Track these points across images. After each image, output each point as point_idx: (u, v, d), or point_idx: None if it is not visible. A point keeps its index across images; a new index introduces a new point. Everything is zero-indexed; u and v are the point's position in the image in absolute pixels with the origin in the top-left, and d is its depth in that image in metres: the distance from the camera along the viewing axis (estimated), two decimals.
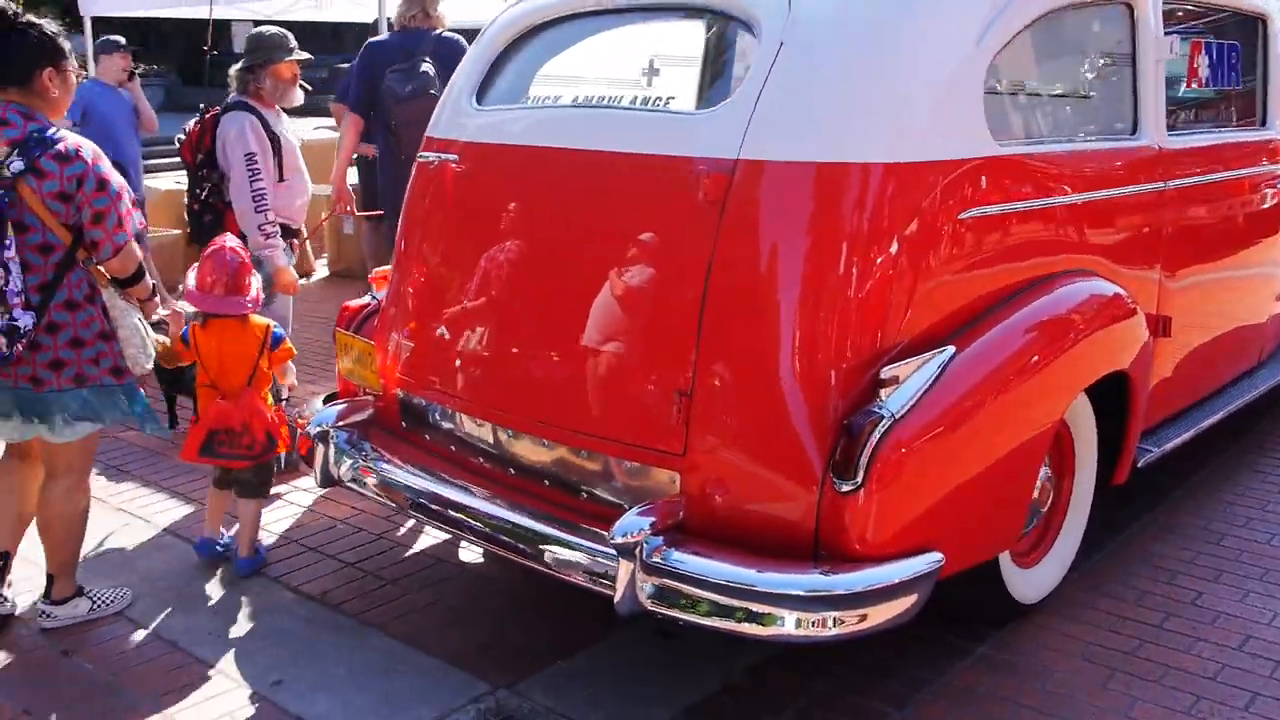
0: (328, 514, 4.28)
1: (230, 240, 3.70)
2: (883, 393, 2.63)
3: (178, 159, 4.91)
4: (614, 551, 2.65)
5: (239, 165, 4.38)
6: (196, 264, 3.67)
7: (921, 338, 2.81)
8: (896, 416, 2.60)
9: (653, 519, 2.71)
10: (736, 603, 2.57)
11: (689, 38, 3.13)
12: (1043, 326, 3.01)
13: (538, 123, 3.24)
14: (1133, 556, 3.85)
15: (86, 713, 3.02)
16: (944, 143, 2.82)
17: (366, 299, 3.86)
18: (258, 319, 3.70)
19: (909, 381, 2.66)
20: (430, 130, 3.56)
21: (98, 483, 4.65)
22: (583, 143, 3.05)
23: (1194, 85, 4.03)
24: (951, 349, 2.77)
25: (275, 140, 4.48)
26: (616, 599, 2.67)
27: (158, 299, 3.52)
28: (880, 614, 2.60)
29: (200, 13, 8.82)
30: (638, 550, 2.64)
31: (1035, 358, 2.95)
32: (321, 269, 9.23)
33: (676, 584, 2.61)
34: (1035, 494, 3.30)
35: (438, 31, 5.46)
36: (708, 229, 2.76)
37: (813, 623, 2.56)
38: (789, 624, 2.56)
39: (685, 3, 3.11)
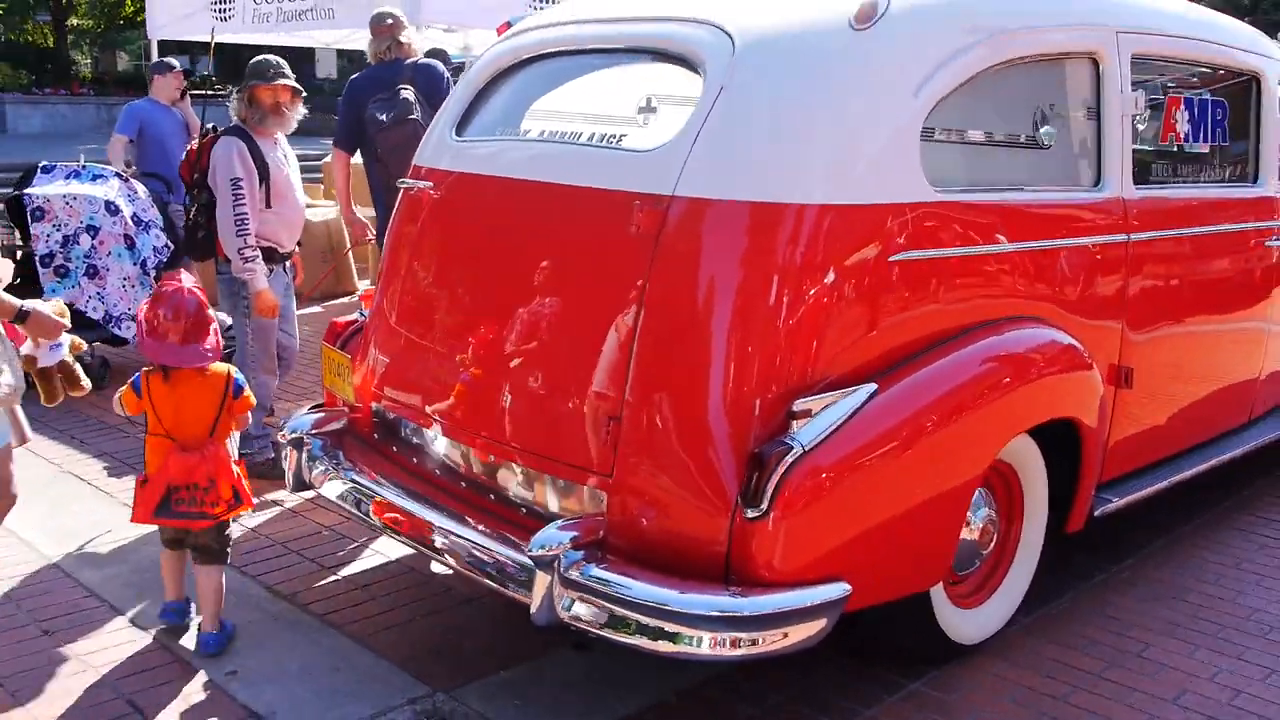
0: (315, 520, 4.47)
1: (186, 279, 3.37)
2: (795, 425, 2.73)
3: None
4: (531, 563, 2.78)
5: (224, 189, 4.55)
6: (146, 303, 3.36)
7: (849, 375, 2.89)
8: (806, 448, 2.70)
9: (575, 534, 2.84)
10: (648, 620, 2.67)
11: (647, 78, 3.27)
12: (973, 370, 3.08)
13: (503, 154, 3.42)
14: (1090, 606, 3.86)
15: (52, 687, 3.22)
16: (875, 188, 2.92)
17: (355, 315, 4.05)
18: (218, 366, 3.40)
19: (822, 415, 2.75)
20: (415, 159, 3.76)
21: (102, 477, 4.92)
22: (539, 175, 3.22)
23: (1170, 140, 4.06)
24: (873, 386, 2.86)
25: (265, 167, 4.65)
26: (533, 609, 2.80)
27: (39, 319, 3.28)
28: (785, 638, 2.69)
29: (273, 39, 9.23)
30: (555, 563, 2.77)
31: (962, 400, 3.01)
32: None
33: (591, 598, 2.73)
34: (975, 536, 3.37)
35: (412, 60, 5.69)
36: (642, 262, 2.90)
37: (719, 642, 2.66)
38: (695, 643, 2.66)
39: (645, 45, 3.26)
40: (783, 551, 2.70)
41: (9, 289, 6.72)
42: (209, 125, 4.91)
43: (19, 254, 6.59)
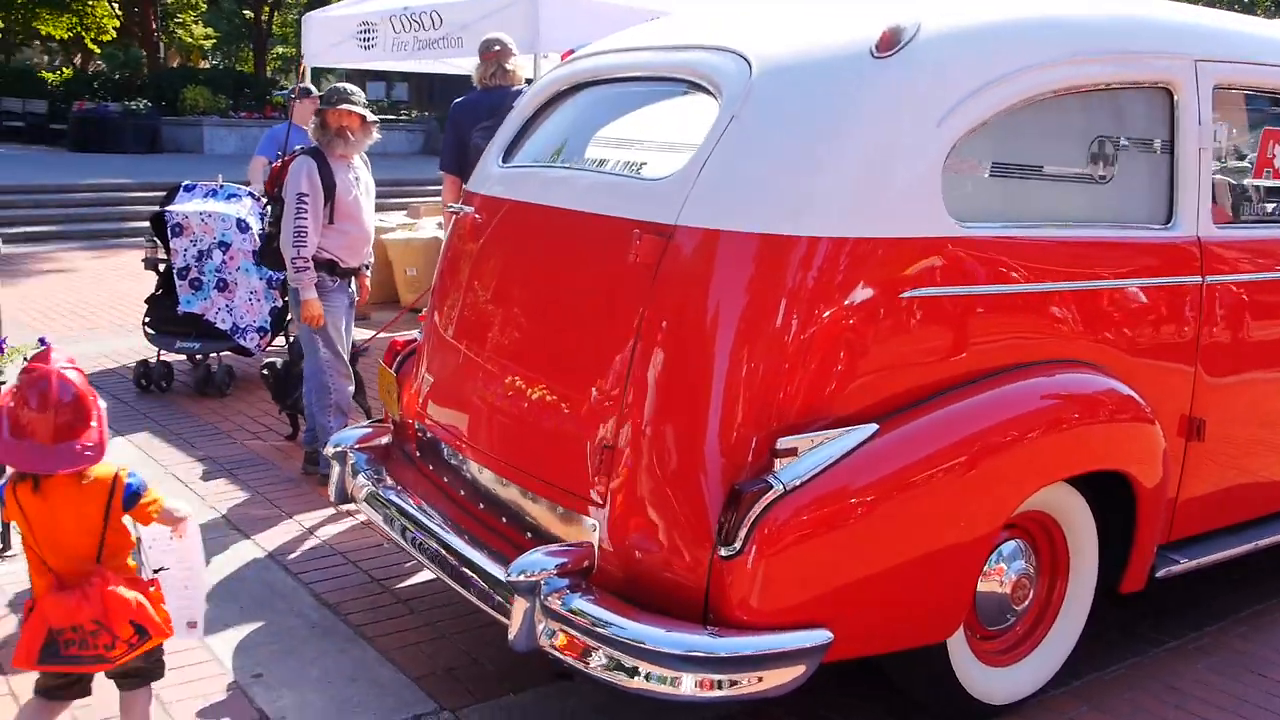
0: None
1: (58, 360, 2.61)
2: (779, 463, 2.65)
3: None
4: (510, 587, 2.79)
5: (290, 202, 4.82)
6: (9, 391, 2.63)
7: (856, 414, 2.78)
8: (787, 488, 2.61)
9: (562, 561, 2.83)
10: (622, 655, 2.63)
11: (674, 106, 3.25)
12: (991, 416, 2.91)
13: (536, 181, 3.45)
14: (1150, 673, 3.59)
15: None
16: (887, 221, 2.81)
17: (415, 334, 4.16)
18: (102, 467, 2.63)
19: (810, 455, 2.66)
20: (467, 184, 3.84)
21: (198, 481, 5.17)
22: (562, 201, 3.24)
23: (1266, 177, 3.76)
24: (873, 427, 2.75)
25: (333, 187, 4.86)
26: (510, 635, 2.80)
27: None
28: (761, 682, 2.61)
29: (409, 66, 9.59)
30: (537, 590, 2.76)
31: (975, 448, 2.85)
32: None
33: (567, 629, 2.71)
34: (1006, 590, 3.19)
35: (517, 88, 5.79)
36: (642, 290, 2.88)
37: (693, 683, 2.60)
38: (669, 682, 2.61)
39: (676, 74, 3.23)
40: (758, 593, 2.62)
41: (152, 299, 7.22)
42: (296, 146, 5.16)
43: (161, 266, 7.07)
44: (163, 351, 6.88)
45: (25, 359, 4.29)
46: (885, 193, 2.83)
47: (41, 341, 3.40)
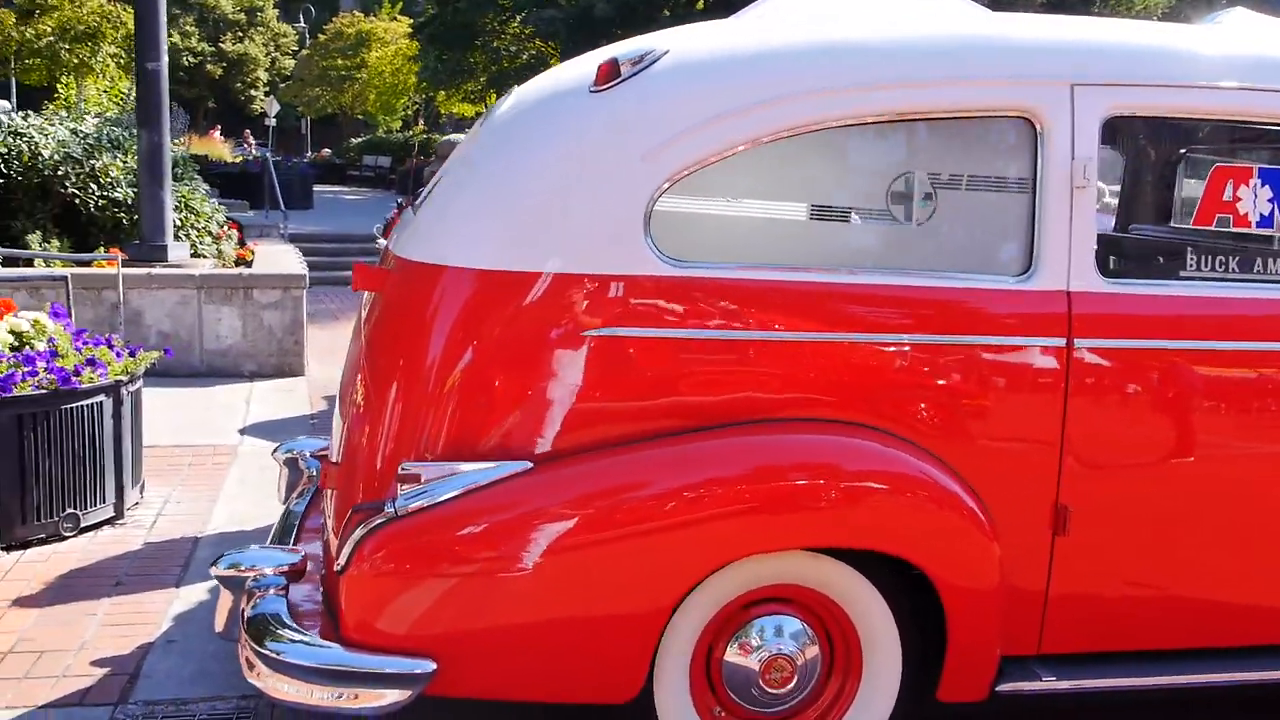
0: None
1: None
2: (400, 489, 2.68)
3: None
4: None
5: None
6: None
7: (525, 453, 2.73)
8: (399, 514, 2.64)
9: (280, 562, 3.01)
10: (253, 657, 2.78)
11: None
12: (668, 468, 2.70)
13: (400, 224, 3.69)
14: None
15: (62, 617, 4.07)
16: (568, 255, 2.72)
17: None
18: None
19: (435, 485, 2.66)
20: None
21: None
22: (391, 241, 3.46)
23: (1216, 224, 3.03)
24: (522, 465, 2.69)
25: None
26: (217, 626, 3.04)
27: None
28: (356, 699, 2.65)
29: None
30: (245, 584, 2.99)
31: (633, 498, 2.66)
32: None
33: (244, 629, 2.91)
34: (753, 667, 2.90)
35: None
36: (376, 319, 3.04)
37: (292, 690, 2.70)
38: (281, 687, 2.73)
39: None
40: (357, 611, 2.66)
41: None
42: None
43: None
44: None
45: (150, 365, 5.21)
46: (569, 227, 2.76)
47: (166, 352, 4.21)
